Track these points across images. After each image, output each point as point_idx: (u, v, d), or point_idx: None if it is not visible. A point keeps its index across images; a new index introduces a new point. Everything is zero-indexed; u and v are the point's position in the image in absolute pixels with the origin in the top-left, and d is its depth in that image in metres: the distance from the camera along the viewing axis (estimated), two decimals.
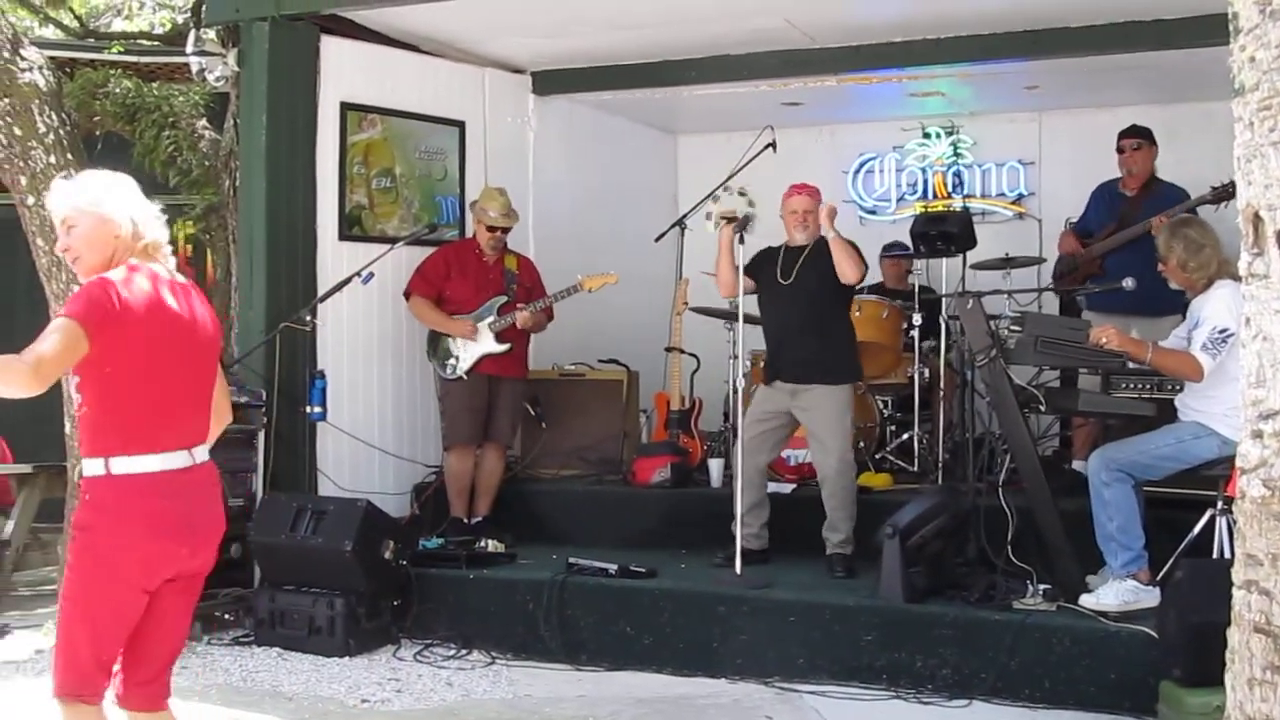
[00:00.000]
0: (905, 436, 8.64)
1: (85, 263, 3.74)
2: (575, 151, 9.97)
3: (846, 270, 6.97)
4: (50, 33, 14.68)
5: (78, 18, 15.75)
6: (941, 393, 8.32)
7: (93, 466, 3.65)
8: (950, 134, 10.72)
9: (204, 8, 8.43)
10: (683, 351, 8.64)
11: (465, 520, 8.05)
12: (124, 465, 3.63)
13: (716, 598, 6.55)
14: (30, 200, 6.85)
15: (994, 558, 6.46)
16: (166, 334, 3.71)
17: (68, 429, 6.96)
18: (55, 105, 7.02)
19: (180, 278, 3.89)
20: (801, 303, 7.09)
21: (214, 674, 6.52)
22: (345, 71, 8.28)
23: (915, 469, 8.42)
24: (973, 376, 7.41)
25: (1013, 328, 6.21)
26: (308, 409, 7.66)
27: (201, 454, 3.83)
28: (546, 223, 9.43)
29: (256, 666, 6.65)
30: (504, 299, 8.06)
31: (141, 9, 17.10)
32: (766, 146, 7.83)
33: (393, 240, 8.20)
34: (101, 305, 3.54)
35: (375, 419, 8.31)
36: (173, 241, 3.96)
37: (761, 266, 7.22)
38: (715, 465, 8.35)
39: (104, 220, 3.74)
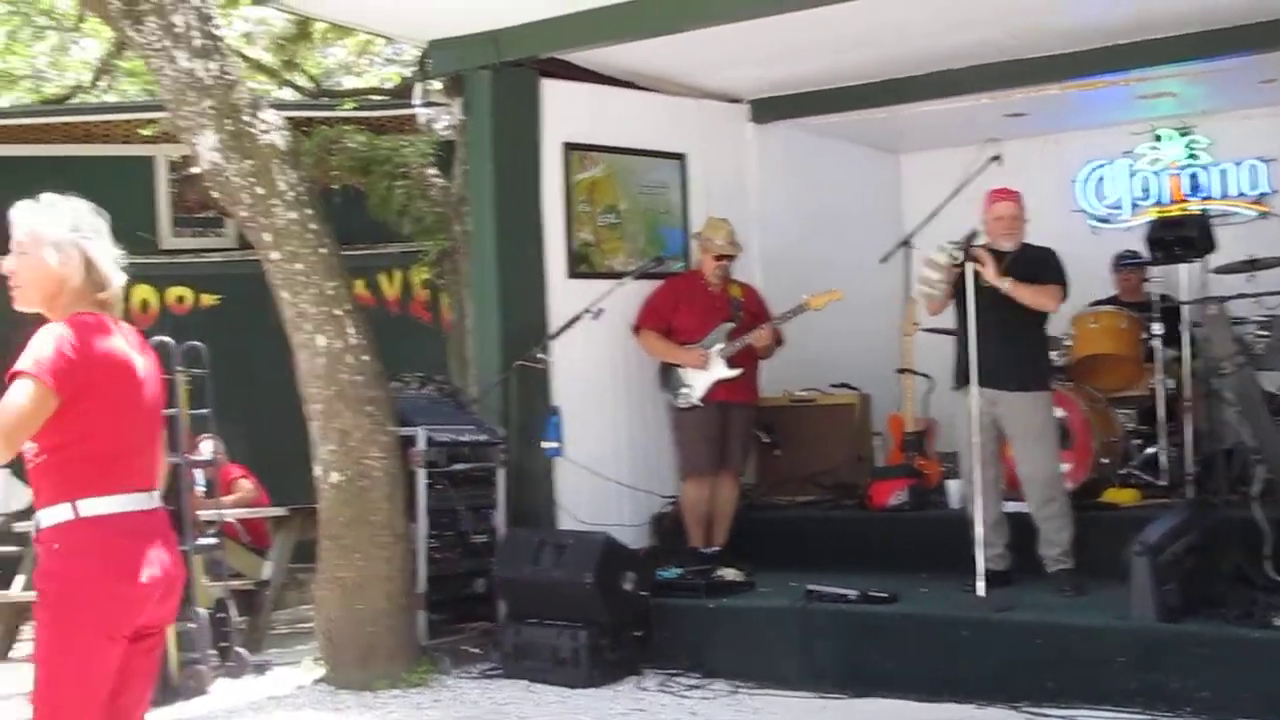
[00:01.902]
0: (1151, 450, 8.35)
1: (25, 297, 3.62)
2: (796, 177, 9.95)
3: (1044, 305, 6.92)
4: (287, 94, 15.33)
5: (312, 79, 16.43)
6: (1187, 404, 8.01)
7: (57, 514, 3.45)
8: (1184, 135, 10.36)
9: (428, 61, 8.70)
10: (914, 372, 8.53)
11: (703, 549, 8.07)
12: (93, 507, 3.46)
13: (960, 622, 6.43)
14: (274, 255, 7.15)
15: (1251, 573, 6.19)
16: (123, 380, 3.58)
17: (318, 471, 7.21)
18: (293, 163, 7.31)
19: (127, 326, 3.78)
20: (1003, 309, 6.92)
21: (463, 706, 6.67)
22: (566, 112, 8.44)
23: (1164, 483, 8.13)
24: (1219, 386, 7.12)
25: (1260, 333, 5.96)
26: (544, 445, 7.81)
27: (158, 499, 3.72)
28: (770, 250, 9.42)
29: (505, 699, 6.78)
30: (731, 325, 8.08)
31: (370, 66, 17.71)
32: (991, 160, 7.69)
33: (620, 275, 8.31)
34: (64, 359, 3.40)
35: (610, 452, 8.40)
36: (409, 286, 3.99)
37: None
38: (953, 486, 8.20)
39: (59, 262, 3.61)
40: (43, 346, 3.42)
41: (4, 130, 12.60)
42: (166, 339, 7.71)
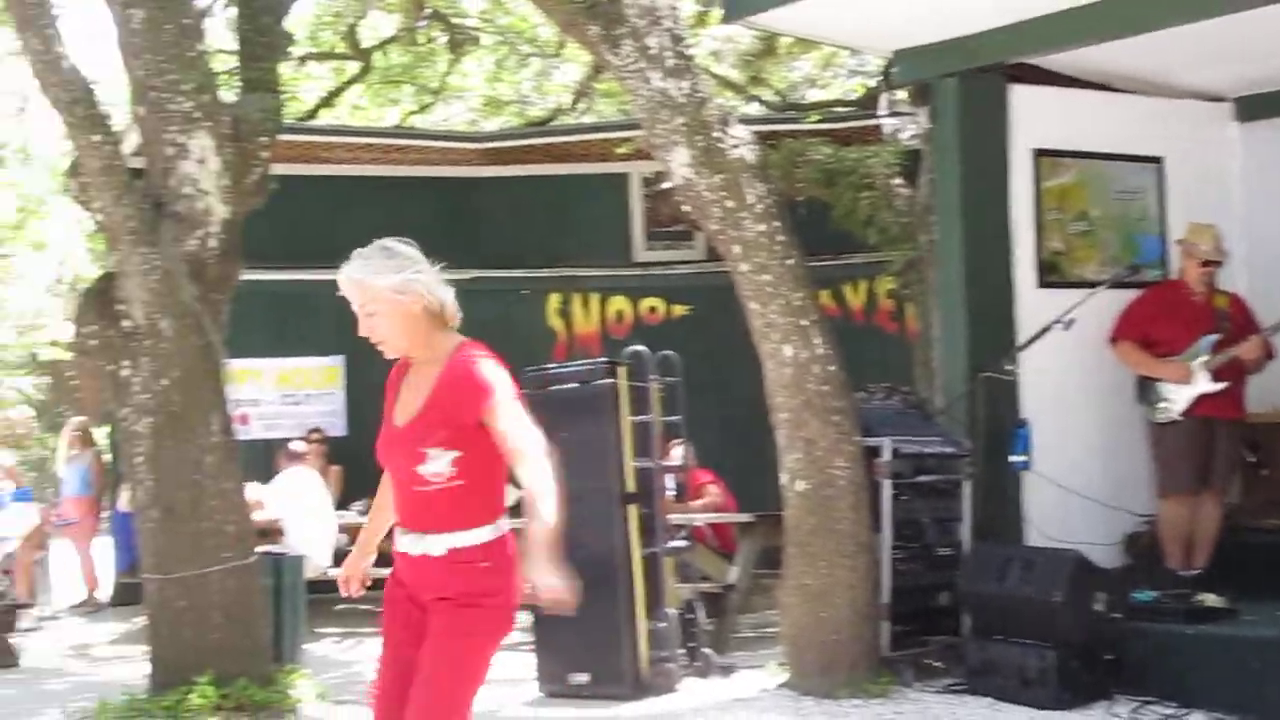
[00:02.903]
0: None
1: (394, 346, 3.75)
2: None
3: None
4: (754, 109, 15.64)
5: (778, 93, 16.70)
6: None
7: (482, 534, 3.67)
8: None
9: (893, 70, 8.68)
10: None
11: (1181, 572, 7.67)
12: (505, 525, 3.73)
13: None
14: (743, 267, 7.31)
15: None
16: None
17: (784, 479, 7.32)
18: (761, 177, 7.45)
19: None
20: None
21: None
22: (1035, 118, 8.23)
23: None
24: None
25: None
26: (1012, 458, 7.63)
27: None
28: (1257, 257, 8.83)
29: (968, 715, 6.66)
30: (1217, 337, 7.65)
31: (835, 78, 17.83)
32: None
33: (1093, 285, 8.02)
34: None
35: (1080, 467, 8.10)
36: (874, 297, 3.97)
37: None
38: None
39: (409, 303, 3.71)
40: (505, 377, 3.71)
41: (493, 152, 13.46)
42: (641, 348, 8.04)
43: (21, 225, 19.78)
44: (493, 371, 3.70)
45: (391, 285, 3.64)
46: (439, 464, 3.62)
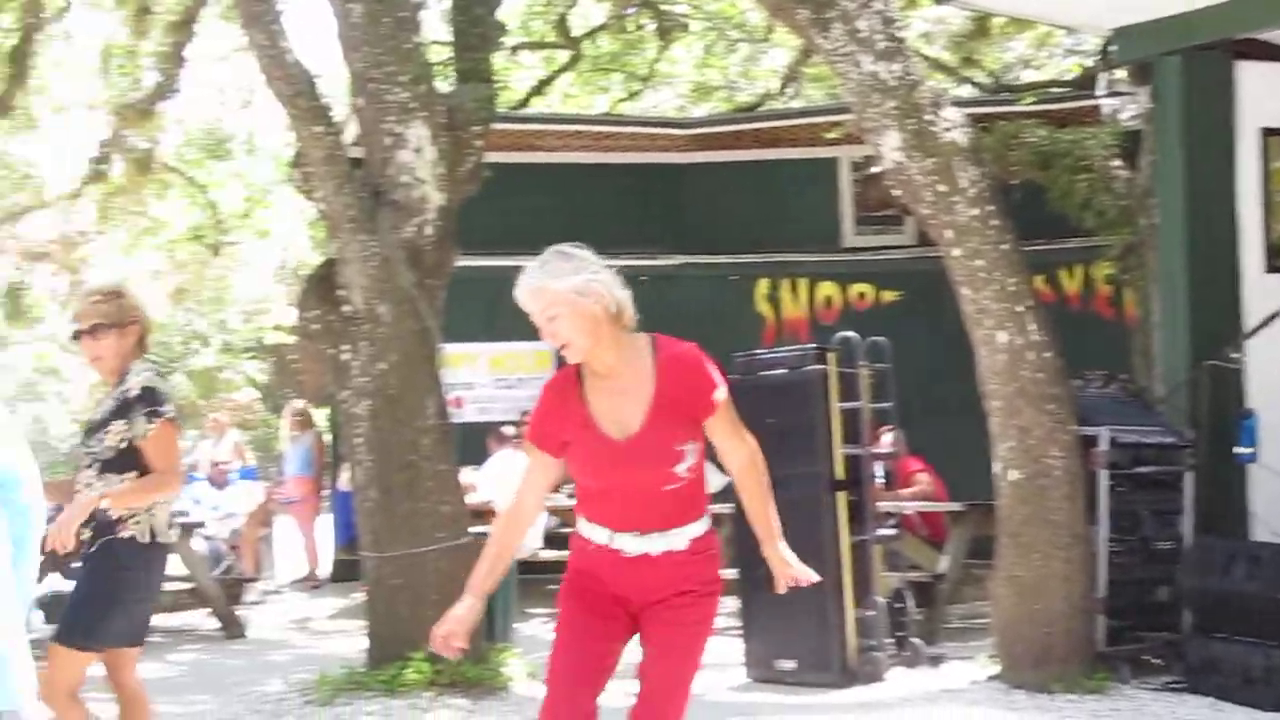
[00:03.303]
0: None
1: (576, 350, 3.67)
2: None
3: None
4: (966, 91, 15.37)
5: (990, 74, 16.38)
6: None
7: (707, 522, 3.76)
8: None
9: (1112, 50, 8.43)
10: None
11: None
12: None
13: None
14: (955, 252, 7.19)
15: None
16: None
17: (996, 468, 7.19)
18: (974, 160, 7.32)
19: None
20: None
21: (1143, 718, 6.42)
22: (1264, 95, 7.90)
23: None
24: None
25: None
26: (1237, 450, 7.36)
27: None
28: None
29: (1189, 714, 6.45)
30: None
31: (1050, 59, 17.42)
32: None
33: None
34: None
35: None
36: (1090, 282, 3.86)
37: None
38: None
39: (591, 303, 3.64)
40: (716, 370, 3.75)
41: (702, 138, 13.50)
42: (850, 334, 7.97)
43: (248, 214, 20.51)
44: (705, 367, 3.74)
45: (572, 287, 3.59)
46: (692, 459, 3.66)
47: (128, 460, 4.81)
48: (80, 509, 4.73)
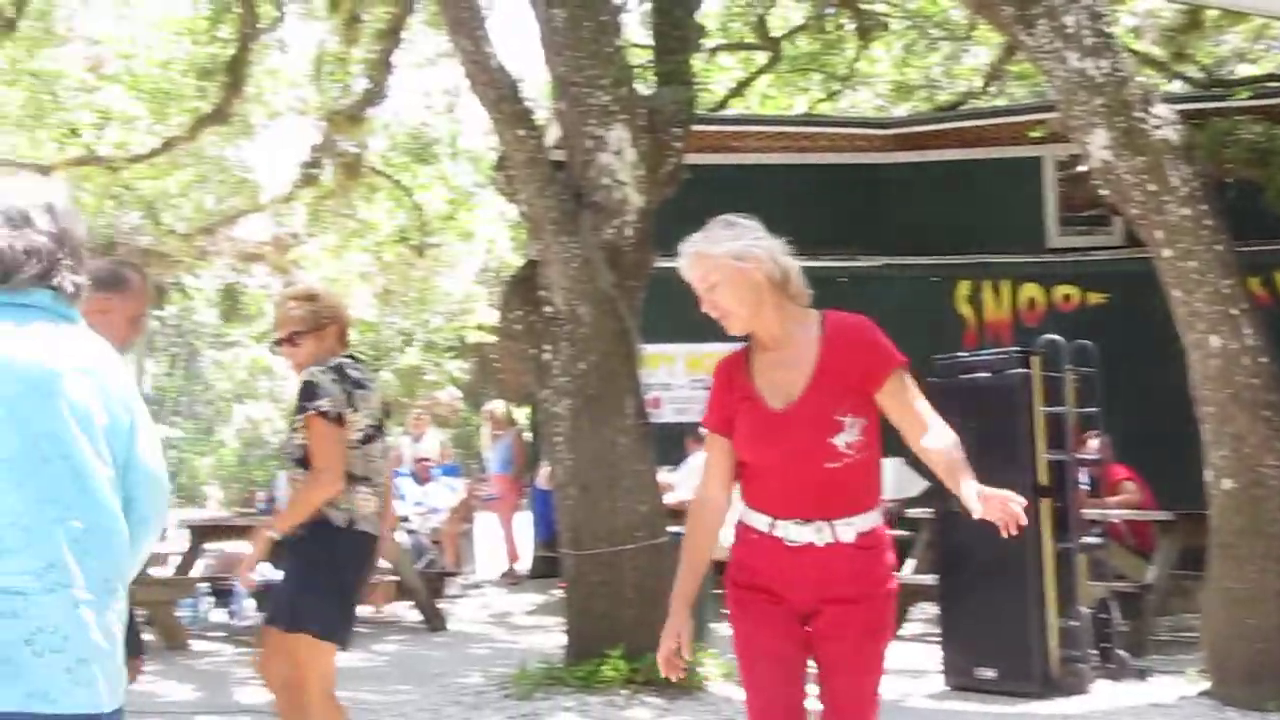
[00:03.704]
0: None
1: (739, 322, 3.57)
2: None
3: None
4: (1177, 87, 14.92)
5: (1203, 69, 15.86)
6: None
7: (879, 516, 3.56)
8: None
9: None
10: None
11: None
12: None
13: None
14: (1166, 253, 6.99)
15: None
16: None
17: (1208, 477, 6.96)
18: (1186, 158, 7.10)
19: None
20: None
21: None
22: None
23: None
24: None
25: None
26: None
27: None
28: None
29: None
30: None
31: (1266, 51, 16.81)
32: None
33: None
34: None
35: None
36: None
37: None
38: None
39: (751, 269, 3.53)
40: (888, 343, 3.56)
41: (902, 138, 13.36)
42: (1055, 337, 7.81)
43: (451, 216, 20.94)
44: (875, 332, 3.58)
45: (730, 252, 3.49)
46: (853, 432, 3.44)
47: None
48: (258, 551, 4.89)
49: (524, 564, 13.71)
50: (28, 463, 2.68)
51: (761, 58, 18.00)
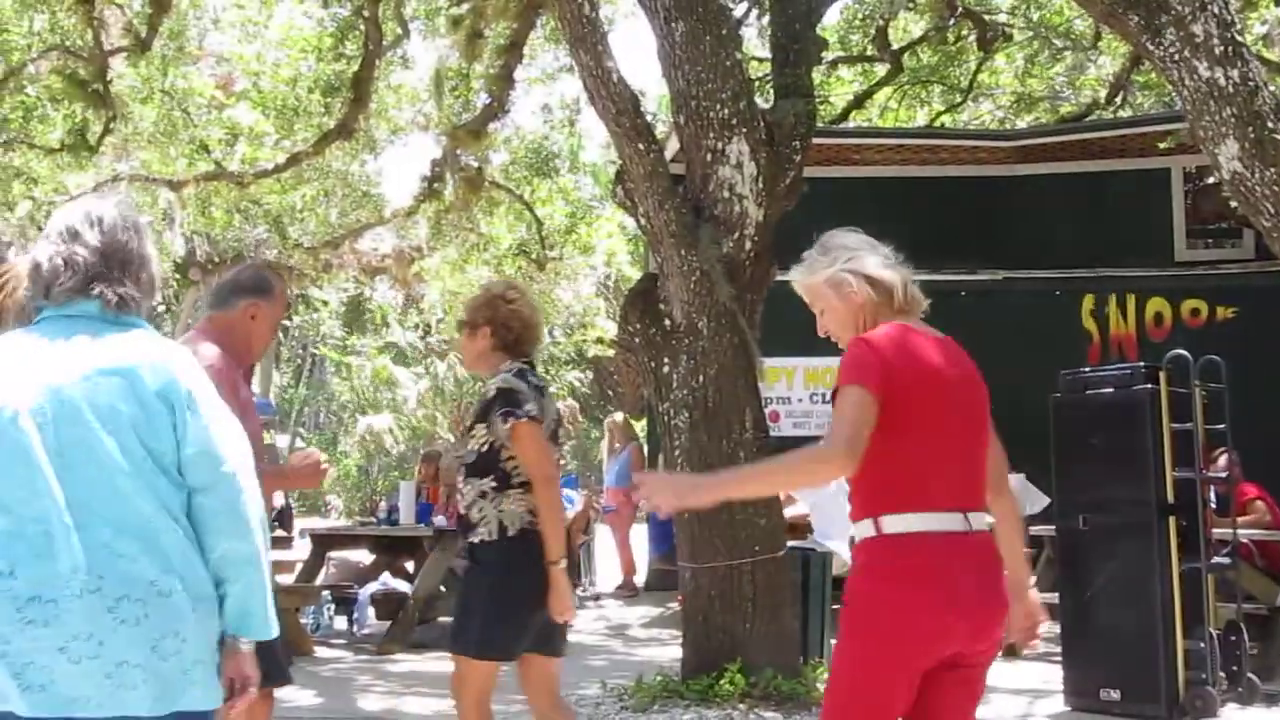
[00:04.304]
0: None
1: (845, 341, 3.53)
2: None
3: None
4: None
5: None
6: None
7: (863, 529, 3.35)
8: None
9: None
10: None
11: None
12: (895, 524, 3.29)
13: None
14: None
15: None
16: (932, 389, 3.36)
17: None
18: None
19: (937, 333, 3.52)
20: None
21: None
22: None
23: None
24: None
25: None
26: None
27: (978, 521, 3.37)
28: None
29: None
30: None
31: None
32: None
33: None
34: (877, 361, 3.33)
35: None
36: None
37: None
38: None
39: (843, 296, 3.53)
40: (854, 358, 3.39)
41: (1025, 150, 13.20)
42: (1182, 352, 7.66)
43: (571, 229, 21.11)
44: (847, 358, 3.49)
45: (825, 279, 3.55)
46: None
47: (489, 463, 4.79)
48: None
49: (640, 576, 13.74)
50: (56, 469, 2.77)
51: (881, 70, 17.90)
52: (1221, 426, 7.86)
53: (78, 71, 14.42)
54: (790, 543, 7.55)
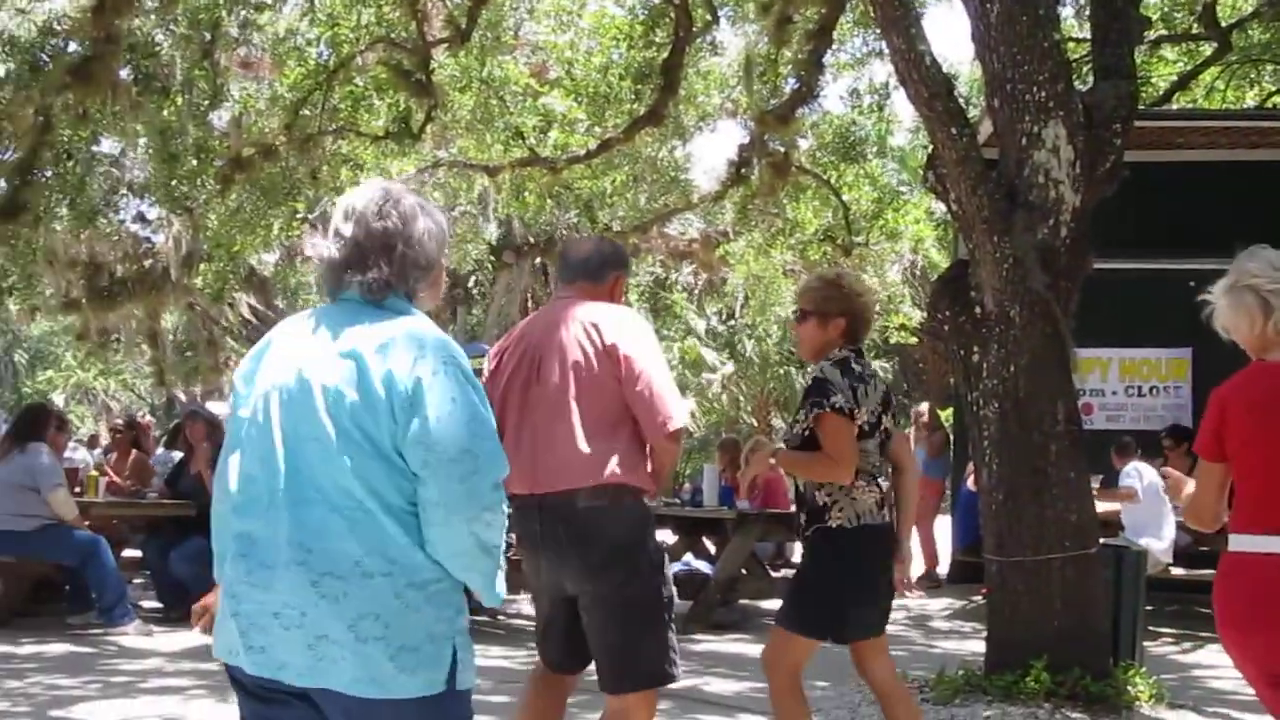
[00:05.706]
0: None
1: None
2: None
3: None
4: None
5: None
6: None
7: None
8: None
9: None
10: None
11: None
12: (1238, 543, 3.55)
13: None
14: None
15: None
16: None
17: None
18: None
19: None
20: None
21: None
22: None
23: None
24: None
25: None
26: None
27: None
28: None
29: None
30: None
31: None
32: None
33: None
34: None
35: None
36: None
37: None
38: None
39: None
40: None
41: None
42: None
43: (878, 215, 20.89)
44: None
45: (1221, 290, 3.82)
46: None
47: (809, 447, 5.01)
48: (754, 467, 5.47)
49: (942, 568, 13.55)
50: (286, 445, 2.94)
51: (1208, 49, 17.08)
52: None
53: (402, 62, 15.09)
54: (1102, 540, 7.29)
